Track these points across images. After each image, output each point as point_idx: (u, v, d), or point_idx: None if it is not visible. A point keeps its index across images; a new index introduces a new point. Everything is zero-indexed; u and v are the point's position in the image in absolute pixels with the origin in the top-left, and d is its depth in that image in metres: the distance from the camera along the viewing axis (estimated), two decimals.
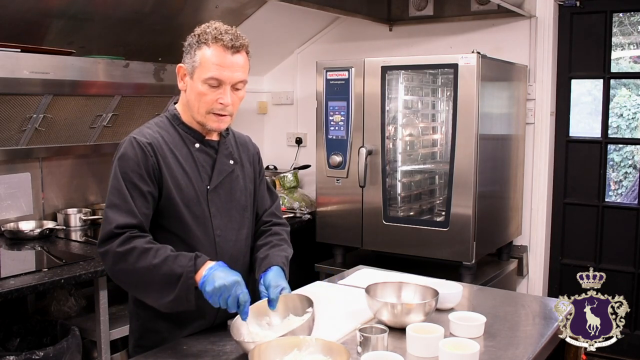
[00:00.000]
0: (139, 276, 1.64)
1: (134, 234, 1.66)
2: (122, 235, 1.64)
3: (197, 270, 1.62)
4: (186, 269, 1.61)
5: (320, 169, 3.45)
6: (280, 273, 1.82)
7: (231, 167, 1.87)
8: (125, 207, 1.67)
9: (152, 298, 1.66)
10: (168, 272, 1.61)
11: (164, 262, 1.62)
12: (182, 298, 1.62)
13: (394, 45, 4.09)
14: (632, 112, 3.86)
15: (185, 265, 1.62)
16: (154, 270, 1.62)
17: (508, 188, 3.51)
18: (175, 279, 1.61)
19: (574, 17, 3.67)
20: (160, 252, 1.64)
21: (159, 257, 1.63)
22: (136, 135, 1.75)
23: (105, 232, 1.66)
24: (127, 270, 1.64)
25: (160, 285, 1.63)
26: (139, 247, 1.63)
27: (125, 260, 1.63)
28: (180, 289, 1.61)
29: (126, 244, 1.64)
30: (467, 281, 2.95)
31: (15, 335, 2.73)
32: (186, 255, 1.65)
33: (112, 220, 1.66)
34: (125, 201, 1.68)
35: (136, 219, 1.68)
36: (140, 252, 1.63)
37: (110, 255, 1.65)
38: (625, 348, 3.60)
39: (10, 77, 2.62)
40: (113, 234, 1.65)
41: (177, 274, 1.61)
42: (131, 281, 1.68)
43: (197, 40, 1.72)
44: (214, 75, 1.70)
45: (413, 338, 1.62)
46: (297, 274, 1.87)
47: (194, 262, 1.63)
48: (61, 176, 3.41)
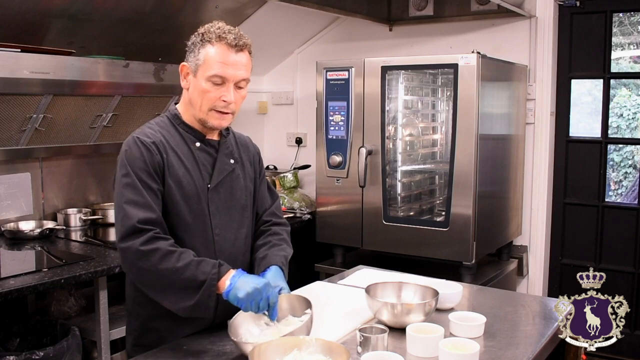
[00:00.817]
0: (160, 278, 1.64)
1: (157, 235, 1.66)
2: (146, 234, 1.64)
3: (220, 278, 1.63)
4: (210, 276, 1.62)
5: (320, 169, 3.45)
6: (279, 273, 1.82)
7: (232, 166, 1.88)
8: (143, 202, 1.67)
9: (170, 301, 1.66)
10: (191, 277, 1.62)
11: (187, 267, 1.62)
12: (203, 304, 1.62)
13: (394, 45, 4.09)
14: (632, 112, 3.86)
15: (208, 272, 1.63)
16: (176, 274, 1.62)
17: (508, 188, 3.51)
18: (197, 284, 1.62)
19: (574, 17, 3.67)
20: (184, 256, 1.64)
21: (182, 260, 1.63)
22: (139, 134, 1.76)
23: (128, 227, 1.64)
24: (149, 270, 1.64)
25: (181, 289, 1.63)
26: (163, 248, 1.63)
27: (148, 259, 1.63)
28: (202, 295, 1.62)
29: (150, 244, 1.63)
30: (467, 281, 2.95)
31: (15, 335, 2.73)
32: (209, 262, 1.65)
33: (132, 215, 1.65)
34: (142, 196, 1.68)
35: (155, 214, 1.68)
36: (164, 254, 1.63)
37: (132, 252, 1.64)
38: (625, 348, 3.60)
39: (10, 77, 2.62)
40: (136, 228, 1.64)
41: (200, 280, 1.62)
42: (150, 281, 1.67)
43: (201, 39, 1.73)
44: (218, 73, 1.71)
45: (413, 338, 1.62)
46: (297, 274, 1.87)
47: (217, 269, 1.64)
48: (61, 176, 3.41)
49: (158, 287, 1.66)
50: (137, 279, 1.70)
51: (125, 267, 1.69)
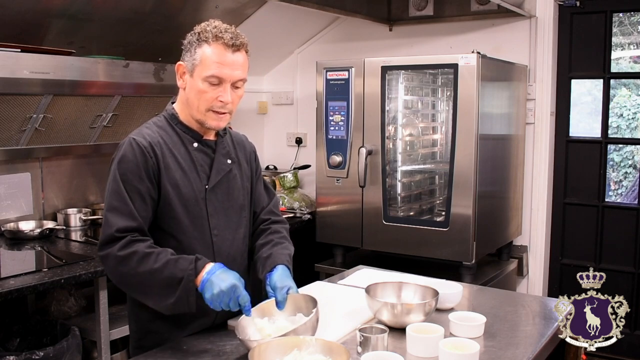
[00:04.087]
0: (140, 280, 1.66)
1: (134, 238, 1.67)
2: (123, 239, 1.65)
3: (197, 273, 1.64)
4: (187, 273, 1.63)
5: (320, 169, 3.45)
6: (286, 272, 1.82)
7: (229, 166, 1.88)
8: (125, 210, 1.68)
9: (153, 301, 1.67)
10: (169, 275, 1.63)
11: (165, 266, 1.64)
12: (183, 301, 1.63)
13: (394, 45, 4.09)
14: (632, 112, 3.86)
15: (185, 268, 1.63)
16: (155, 274, 1.63)
17: (508, 188, 3.51)
18: (176, 282, 1.63)
19: (574, 17, 3.67)
20: (161, 256, 1.65)
21: (160, 261, 1.64)
22: (135, 136, 1.75)
23: (106, 235, 1.67)
24: (128, 273, 1.66)
25: (161, 289, 1.64)
26: (140, 251, 1.65)
27: (126, 264, 1.65)
28: (181, 292, 1.63)
29: (127, 248, 1.65)
30: (467, 281, 2.95)
31: (15, 335, 2.73)
32: (186, 259, 1.66)
33: (112, 223, 1.67)
34: (125, 204, 1.68)
35: (136, 222, 1.69)
36: (142, 257, 1.64)
37: (111, 259, 1.66)
38: (625, 348, 3.60)
39: (10, 77, 2.62)
40: (114, 237, 1.66)
41: (178, 278, 1.63)
42: (132, 284, 1.69)
43: (197, 38, 1.72)
44: (215, 73, 1.71)
45: (413, 338, 1.62)
46: (297, 274, 1.87)
47: (194, 265, 1.64)
48: (61, 176, 3.41)
49: (141, 289, 1.68)
50: (120, 283, 1.72)
51: (108, 273, 1.72)
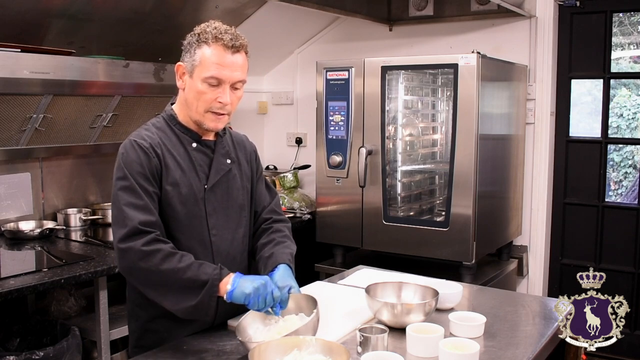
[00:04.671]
0: (162, 278, 1.64)
1: (158, 237, 1.67)
2: (148, 235, 1.64)
3: (221, 279, 1.64)
4: (212, 277, 1.63)
5: (320, 169, 3.45)
6: (288, 271, 1.82)
7: (228, 166, 1.88)
8: (142, 205, 1.68)
9: (171, 301, 1.65)
10: (193, 277, 1.63)
11: (189, 267, 1.64)
12: (204, 305, 1.63)
13: (394, 45, 4.09)
14: (632, 112, 3.86)
15: (210, 273, 1.64)
16: (178, 274, 1.63)
17: (508, 188, 3.51)
18: (199, 284, 1.63)
19: (574, 17, 3.67)
20: (185, 258, 1.66)
21: (184, 262, 1.64)
22: (135, 137, 1.75)
23: (130, 228, 1.64)
24: (149, 270, 1.63)
25: (182, 289, 1.64)
26: (165, 249, 1.64)
27: (150, 260, 1.63)
28: (204, 295, 1.63)
29: (152, 245, 1.64)
30: (467, 281, 2.95)
31: (15, 335, 2.73)
32: (210, 265, 1.67)
33: (133, 217, 1.65)
34: (141, 199, 1.68)
35: (154, 216, 1.69)
36: (166, 255, 1.64)
37: (134, 252, 1.63)
38: (625, 348, 3.60)
39: (10, 77, 2.62)
40: (138, 230, 1.64)
41: (203, 280, 1.63)
42: (151, 281, 1.66)
43: (197, 39, 1.72)
44: (214, 75, 1.71)
45: (413, 338, 1.62)
46: (297, 274, 1.87)
47: (219, 271, 1.65)
48: (61, 176, 3.41)
49: (159, 287, 1.66)
50: (137, 280, 1.69)
51: (124, 268, 1.67)
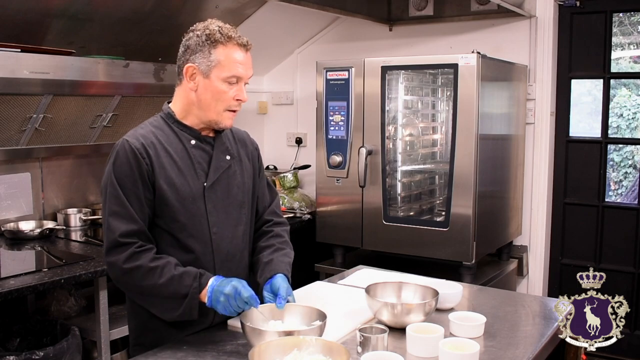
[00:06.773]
0: (144, 292, 1.71)
1: (138, 249, 1.69)
2: (128, 249, 1.67)
3: (201, 289, 1.68)
4: (191, 290, 1.67)
5: (320, 169, 3.45)
6: (285, 281, 1.83)
7: (228, 162, 1.87)
8: (125, 214, 1.69)
9: (156, 311, 1.73)
10: (173, 291, 1.68)
11: (170, 282, 1.67)
12: (187, 313, 1.69)
13: (394, 45, 4.09)
14: (632, 112, 3.86)
15: (190, 285, 1.68)
16: (159, 289, 1.68)
17: (508, 188, 3.51)
18: (180, 297, 1.68)
19: (574, 17, 3.67)
20: (166, 270, 1.68)
21: (164, 276, 1.67)
22: (129, 138, 1.75)
23: (110, 241, 1.69)
24: (134, 285, 1.71)
25: (165, 301, 1.70)
26: (145, 266, 1.67)
27: (131, 277, 1.69)
28: (186, 307, 1.68)
29: (132, 261, 1.67)
30: (467, 281, 2.95)
31: (15, 335, 2.73)
32: (190, 274, 1.69)
33: (114, 228, 1.68)
34: (124, 207, 1.70)
35: (137, 225, 1.70)
36: (146, 271, 1.67)
37: (117, 269, 1.70)
38: (625, 348, 3.59)
39: (10, 77, 2.62)
40: (118, 242, 1.68)
41: (183, 294, 1.67)
42: (137, 294, 1.75)
43: (208, 40, 1.72)
44: (235, 74, 1.74)
45: (413, 338, 1.62)
46: (297, 274, 1.87)
47: (198, 282, 1.68)
48: (61, 176, 3.41)
49: (145, 299, 1.74)
50: (124, 290, 1.78)
51: (112, 278, 1.76)
